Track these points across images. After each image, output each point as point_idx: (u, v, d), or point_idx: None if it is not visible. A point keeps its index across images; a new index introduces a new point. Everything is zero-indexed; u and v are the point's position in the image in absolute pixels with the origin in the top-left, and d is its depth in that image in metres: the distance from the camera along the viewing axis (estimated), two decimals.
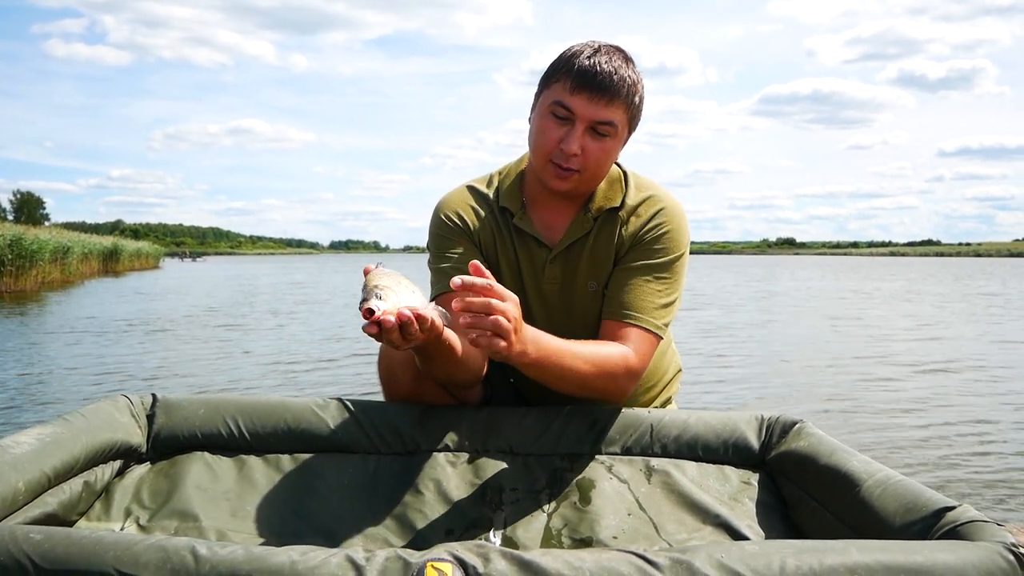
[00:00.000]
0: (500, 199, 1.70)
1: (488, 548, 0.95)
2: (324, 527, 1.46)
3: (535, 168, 1.62)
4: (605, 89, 1.49)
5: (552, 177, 1.57)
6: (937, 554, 0.97)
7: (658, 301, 1.60)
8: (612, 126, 1.52)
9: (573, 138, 1.51)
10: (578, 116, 1.50)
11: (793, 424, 1.63)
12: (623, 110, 1.53)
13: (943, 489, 2.39)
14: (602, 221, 1.66)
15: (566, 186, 1.58)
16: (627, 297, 1.60)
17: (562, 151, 1.52)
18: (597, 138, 1.53)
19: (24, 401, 5.26)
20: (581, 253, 1.67)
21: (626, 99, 1.52)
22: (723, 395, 5.48)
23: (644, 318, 1.58)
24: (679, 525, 1.47)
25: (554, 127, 1.53)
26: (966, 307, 14.63)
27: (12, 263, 17.98)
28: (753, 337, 9.35)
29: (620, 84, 1.50)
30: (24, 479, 1.28)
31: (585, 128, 1.51)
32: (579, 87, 1.49)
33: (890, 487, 1.27)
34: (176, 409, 1.65)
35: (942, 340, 9.08)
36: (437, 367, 1.47)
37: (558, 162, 1.54)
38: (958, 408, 5.05)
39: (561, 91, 1.52)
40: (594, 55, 1.51)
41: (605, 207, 1.66)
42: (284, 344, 8.47)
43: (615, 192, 1.67)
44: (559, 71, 1.54)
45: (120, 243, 34.50)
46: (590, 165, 1.55)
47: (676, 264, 1.64)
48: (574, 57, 1.52)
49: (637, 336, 1.57)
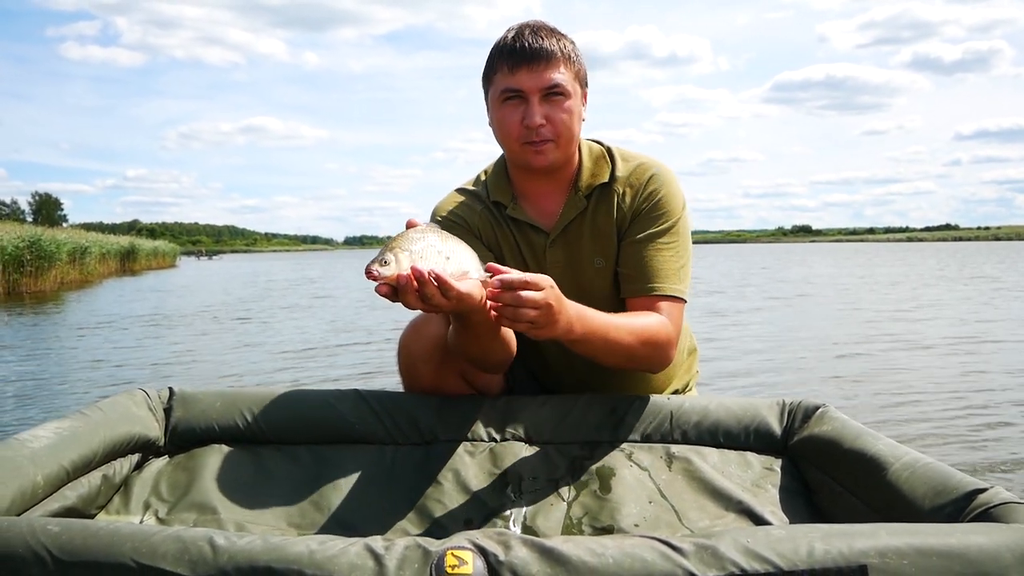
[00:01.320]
0: (491, 194, 1.72)
1: (508, 536, 0.93)
2: (342, 518, 1.45)
3: (512, 158, 1.66)
4: (538, 55, 1.54)
5: (531, 155, 1.59)
6: (970, 536, 0.94)
7: (673, 266, 1.62)
8: (561, 87, 1.56)
9: (532, 111, 1.55)
10: (527, 90, 1.55)
11: (816, 408, 1.60)
12: (563, 68, 1.57)
13: (972, 472, 2.35)
14: (596, 197, 1.68)
15: (547, 159, 1.60)
16: (643, 270, 1.61)
17: (527, 127, 1.56)
18: (553, 103, 1.56)
19: (43, 395, 5.30)
20: (581, 232, 1.68)
21: (562, 57, 1.57)
22: (742, 381, 5.45)
23: (666, 286, 1.60)
24: (701, 512, 1.45)
25: (512, 111, 1.57)
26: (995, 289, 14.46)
27: (32, 264, 18.15)
28: (770, 321, 9.29)
29: (550, 47, 1.55)
30: (43, 473, 1.28)
31: (539, 98, 1.55)
32: (516, 64, 1.55)
33: (918, 470, 1.25)
34: (193, 402, 1.65)
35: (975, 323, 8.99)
36: (475, 342, 1.47)
37: (529, 140, 1.58)
38: (986, 388, 4.99)
39: (503, 78, 1.57)
40: (518, 34, 1.57)
41: (595, 183, 1.68)
42: (298, 334, 8.51)
43: (602, 168, 1.69)
44: (494, 63, 1.60)
45: (137, 243, 34.75)
46: (560, 130, 1.58)
47: (679, 225, 1.66)
48: (502, 44, 1.59)
49: (666, 305, 1.59)
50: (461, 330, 1.45)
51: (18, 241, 17.94)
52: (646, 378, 1.75)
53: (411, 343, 1.65)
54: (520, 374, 1.83)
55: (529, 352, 1.72)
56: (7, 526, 0.94)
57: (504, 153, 1.70)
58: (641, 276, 1.61)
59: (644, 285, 1.60)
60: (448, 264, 1.24)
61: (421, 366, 1.64)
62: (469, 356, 1.55)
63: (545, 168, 1.62)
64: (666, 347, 1.55)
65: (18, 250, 17.76)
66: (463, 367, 1.67)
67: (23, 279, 17.99)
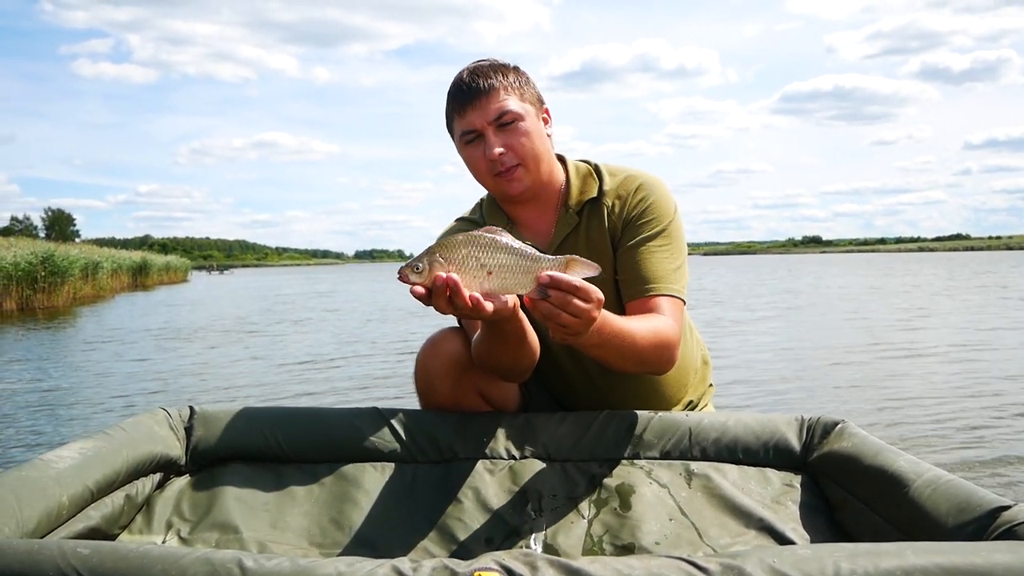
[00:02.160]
0: (486, 220, 1.76)
1: (535, 556, 0.93)
2: (364, 537, 1.46)
3: (493, 193, 1.73)
4: (479, 91, 1.60)
5: (505, 185, 1.64)
6: (995, 555, 0.94)
7: (669, 267, 1.64)
8: (510, 113, 1.61)
9: (490, 143, 1.60)
10: (479, 127, 1.61)
11: (835, 424, 1.60)
12: (506, 95, 1.62)
13: (993, 488, 2.33)
14: (587, 213, 1.71)
15: (521, 185, 1.64)
16: (640, 273, 1.63)
17: (491, 161, 1.61)
18: (508, 130, 1.61)
19: (56, 408, 5.34)
20: (576, 247, 1.70)
21: (503, 86, 1.62)
22: (756, 395, 5.43)
23: (663, 285, 1.61)
24: (722, 530, 1.45)
25: (474, 150, 1.63)
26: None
27: (45, 280, 18.27)
28: (783, 332, 9.26)
29: (486, 79, 1.61)
30: (68, 493, 1.29)
31: (493, 130, 1.61)
32: (462, 106, 1.62)
33: (940, 487, 1.24)
34: (213, 421, 1.66)
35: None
36: (504, 350, 1.50)
37: (498, 171, 1.62)
38: (1003, 403, 4.95)
39: (457, 123, 1.64)
40: (457, 79, 1.64)
41: (584, 199, 1.71)
42: (305, 347, 8.53)
43: (590, 185, 1.73)
44: (448, 111, 1.67)
45: (149, 258, 34.92)
46: (522, 152, 1.62)
47: (671, 228, 1.68)
48: (449, 93, 1.66)
49: (666, 303, 1.60)
50: (491, 337, 1.47)
51: (31, 257, 18.07)
52: (661, 388, 1.76)
53: (429, 360, 1.67)
54: (535, 388, 1.83)
55: (543, 362, 1.73)
56: (37, 549, 0.95)
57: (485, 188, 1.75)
58: (639, 279, 1.63)
59: (642, 287, 1.62)
60: (488, 280, 1.23)
61: (438, 383, 1.65)
62: (496, 364, 1.57)
63: (522, 193, 1.66)
64: (672, 347, 1.56)
65: (32, 266, 17.89)
66: (481, 384, 1.68)
67: (36, 295, 18.10)
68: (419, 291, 1.23)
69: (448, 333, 1.66)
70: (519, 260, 1.23)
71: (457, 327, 1.69)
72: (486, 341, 1.50)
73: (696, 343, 1.89)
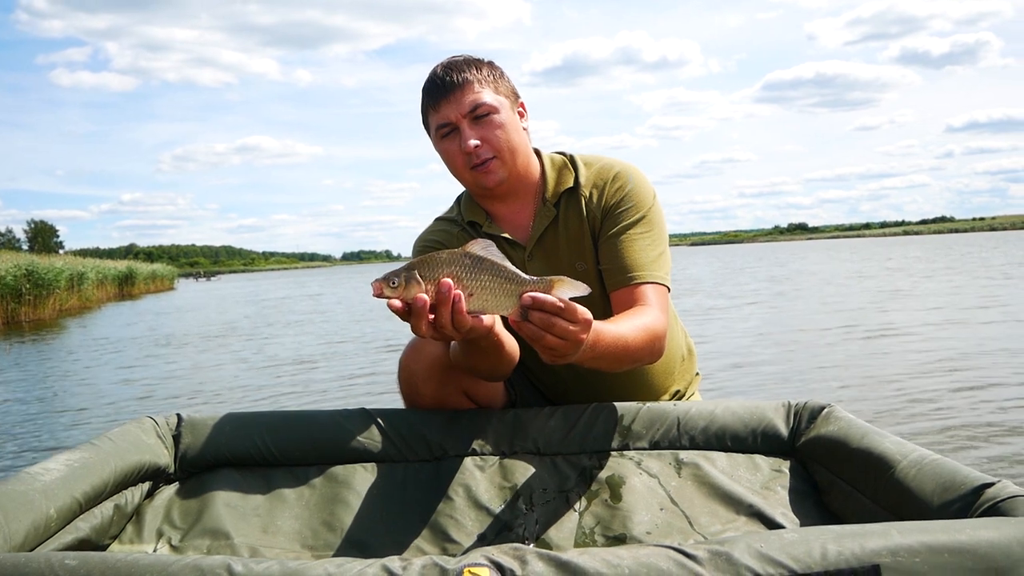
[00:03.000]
0: (465, 217, 1.76)
1: (524, 551, 0.94)
2: (356, 538, 1.46)
3: (468, 187, 1.72)
4: (453, 86, 1.61)
5: (481, 177, 1.64)
6: (980, 532, 0.95)
7: (651, 254, 1.64)
8: (484, 106, 1.61)
9: (465, 135, 1.61)
10: (454, 119, 1.61)
11: (821, 409, 1.61)
12: (481, 88, 1.63)
13: (978, 466, 2.35)
14: (564, 204, 1.71)
15: (497, 176, 1.64)
16: (622, 262, 1.63)
17: (466, 152, 1.62)
18: (483, 123, 1.62)
19: (43, 423, 5.30)
20: (556, 239, 1.71)
21: (477, 79, 1.63)
22: (743, 382, 5.46)
23: (647, 273, 1.62)
24: (712, 517, 1.46)
25: (450, 143, 1.64)
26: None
27: (30, 292, 18.13)
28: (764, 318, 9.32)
29: (458, 72, 1.62)
30: (55, 505, 1.28)
31: (468, 122, 1.61)
32: (436, 100, 1.63)
33: (926, 467, 1.26)
34: (201, 427, 1.65)
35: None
36: (481, 360, 1.50)
37: (474, 164, 1.63)
38: (983, 382, 5.00)
39: (432, 116, 1.65)
40: (431, 75, 1.65)
41: (561, 191, 1.72)
42: (292, 349, 8.52)
43: (565, 176, 1.73)
44: (423, 106, 1.68)
45: (134, 267, 34.70)
46: (497, 144, 1.63)
47: (650, 215, 1.68)
48: (423, 88, 1.67)
49: (651, 291, 1.60)
50: (467, 352, 1.47)
51: (16, 270, 17.93)
52: (648, 378, 1.77)
53: (411, 362, 1.67)
54: (521, 383, 1.84)
55: (530, 358, 1.73)
56: (24, 562, 0.95)
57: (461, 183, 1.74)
58: (622, 268, 1.63)
59: (625, 276, 1.62)
60: (468, 302, 1.19)
61: (422, 385, 1.65)
62: (477, 372, 1.57)
63: (498, 185, 1.66)
64: (661, 338, 1.57)
65: (16, 279, 17.75)
66: (465, 384, 1.68)
67: (22, 308, 17.96)
68: (396, 305, 1.18)
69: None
70: (501, 283, 1.20)
71: None
72: (461, 353, 1.50)
73: (681, 332, 1.90)
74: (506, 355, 1.51)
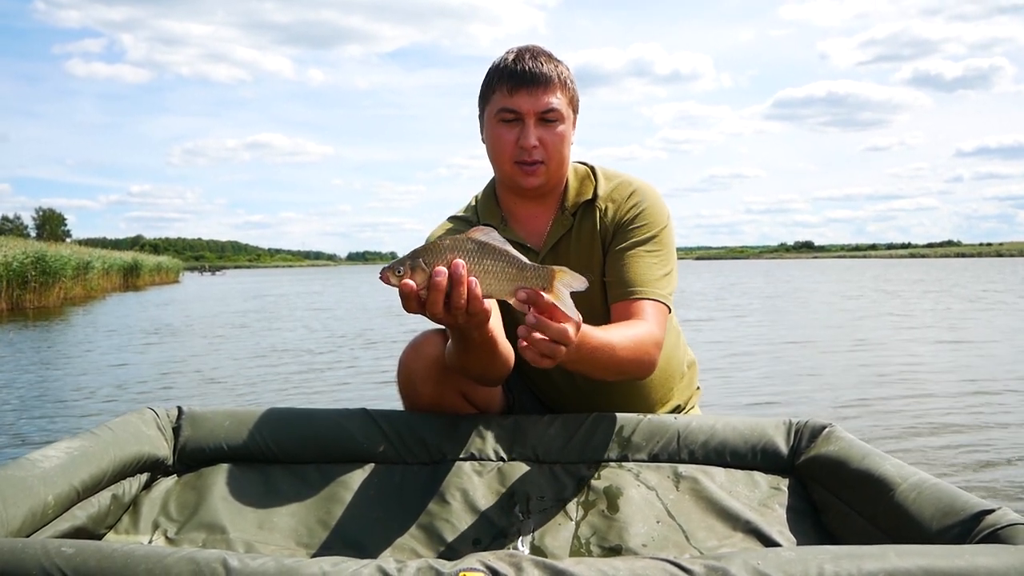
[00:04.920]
0: (480, 218, 1.75)
1: (520, 557, 0.93)
2: (351, 538, 1.46)
3: (503, 178, 1.70)
4: (538, 80, 1.59)
5: (522, 177, 1.63)
6: (978, 558, 0.94)
7: (657, 273, 1.64)
8: (556, 111, 1.61)
9: (528, 133, 1.60)
10: (524, 112, 1.60)
11: (822, 428, 1.61)
12: (560, 94, 1.62)
13: (977, 492, 2.31)
14: (581, 214, 1.72)
15: (537, 181, 1.64)
16: (627, 276, 1.63)
17: (522, 148, 1.61)
18: (548, 126, 1.62)
19: (44, 410, 5.31)
20: (568, 248, 1.71)
21: (559, 83, 1.62)
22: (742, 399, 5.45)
23: (649, 290, 1.62)
24: (709, 532, 1.45)
25: (507, 131, 1.62)
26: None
27: (35, 280, 18.16)
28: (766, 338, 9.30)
29: (549, 72, 1.61)
30: (53, 493, 1.28)
31: (535, 121, 1.60)
32: (516, 87, 1.60)
33: (925, 490, 1.25)
34: (202, 421, 1.65)
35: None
36: (475, 360, 1.49)
37: (522, 159, 1.62)
38: (990, 408, 4.98)
39: (501, 98, 1.62)
40: (518, 57, 1.62)
41: (580, 201, 1.72)
42: (297, 345, 8.53)
43: (587, 187, 1.74)
44: (493, 82, 1.64)
45: (140, 258, 34.75)
46: (552, 153, 1.63)
47: (662, 235, 1.69)
48: (502, 65, 1.63)
49: (650, 307, 1.60)
50: (461, 348, 1.47)
51: (22, 257, 17.97)
52: (646, 391, 1.76)
53: (411, 363, 1.67)
54: (519, 388, 1.84)
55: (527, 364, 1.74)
56: (21, 548, 0.95)
57: (494, 175, 1.74)
58: (625, 281, 1.63)
59: (627, 290, 1.62)
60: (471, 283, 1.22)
61: (421, 385, 1.66)
62: (468, 372, 1.57)
63: (535, 190, 1.67)
64: (652, 354, 1.56)
65: (22, 266, 17.79)
66: (463, 385, 1.68)
67: (27, 295, 18.01)
68: (409, 286, 1.20)
69: (430, 336, 1.66)
70: (503, 267, 1.23)
71: (439, 329, 1.69)
72: (455, 352, 1.50)
73: (682, 347, 1.90)
74: (500, 358, 1.51)
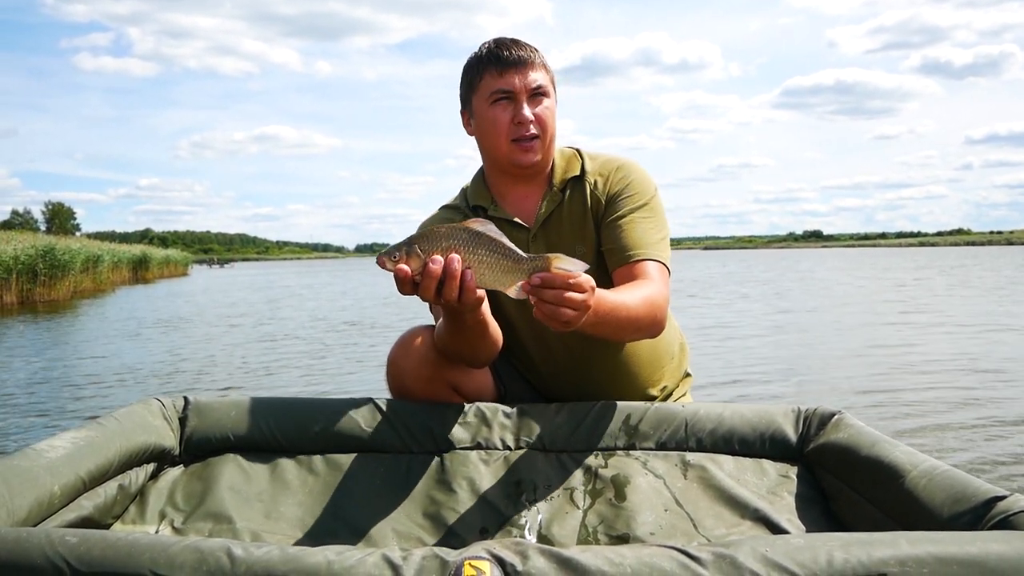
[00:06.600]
0: (471, 201, 1.80)
1: (526, 546, 0.93)
2: (358, 527, 1.45)
3: (499, 159, 1.73)
4: (524, 60, 1.67)
5: (520, 154, 1.67)
6: (991, 545, 0.93)
7: (654, 236, 1.68)
8: (544, 87, 1.69)
9: (522, 108, 1.65)
10: (517, 90, 1.66)
11: (831, 415, 1.59)
12: (543, 71, 1.70)
13: (988, 478, 2.29)
14: (570, 190, 1.76)
15: (535, 156, 1.68)
16: (626, 241, 1.67)
17: (519, 123, 1.66)
18: (539, 102, 1.68)
19: (51, 400, 5.33)
20: (560, 223, 1.74)
21: (541, 63, 1.70)
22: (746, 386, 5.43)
23: (649, 251, 1.65)
24: (717, 520, 1.44)
25: (501, 111, 1.67)
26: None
27: (45, 273, 18.26)
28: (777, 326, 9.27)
29: (531, 54, 1.69)
30: (59, 483, 1.28)
31: (527, 97, 1.66)
32: (505, 68, 1.66)
33: (936, 477, 1.24)
34: (208, 411, 1.65)
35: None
36: (464, 342, 1.54)
37: (519, 135, 1.66)
38: (999, 396, 4.95)
39: (492, 81, 1.67)
40: (498, 44, 1.69)
41: (567, 177, 1.76)
42: (302, 333, 8.56)
43: (573, 165, 1.78)
44: (480, 70, 1.69)
45: (149, 251, 34.92)
46: (545, 127, 1.69)
47: (653, 202, 1.73)
48: (486, 53, 1.69)
49: (653, 268, 1.63)
50: (452, 329, 1.50)
51: (32, 250, 18.06)
52: (635, 370, 1.77)
53: (399, 358, 1.67)
54: (510, 377, 1.84)
55: (513, 351, 1.78)
56: (25, 537, 0.94)
57: (485, 161, 1.79)
58: (624, 247, 1.66)
59: (628, 254, 1.65)
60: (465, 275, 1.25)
61: (410, 381, 1.66)
62: (460, 354, 1.60)
63: (531, 166, 1.70)
64: (662, 309, 1.59)
65: (32, 259, 17.88)
66: (452, 378, 1.69)
67: (37, 288, 18.11)
68: (404, 270, 1.26)
69: (418, 331, 1.68)
70: (498, 258, 1.24)
71: (427, 325, 1.70)
72: (446, 332, 1.54)
73: (674, 328, 1.90)
74: (489, 339, 1.56)
